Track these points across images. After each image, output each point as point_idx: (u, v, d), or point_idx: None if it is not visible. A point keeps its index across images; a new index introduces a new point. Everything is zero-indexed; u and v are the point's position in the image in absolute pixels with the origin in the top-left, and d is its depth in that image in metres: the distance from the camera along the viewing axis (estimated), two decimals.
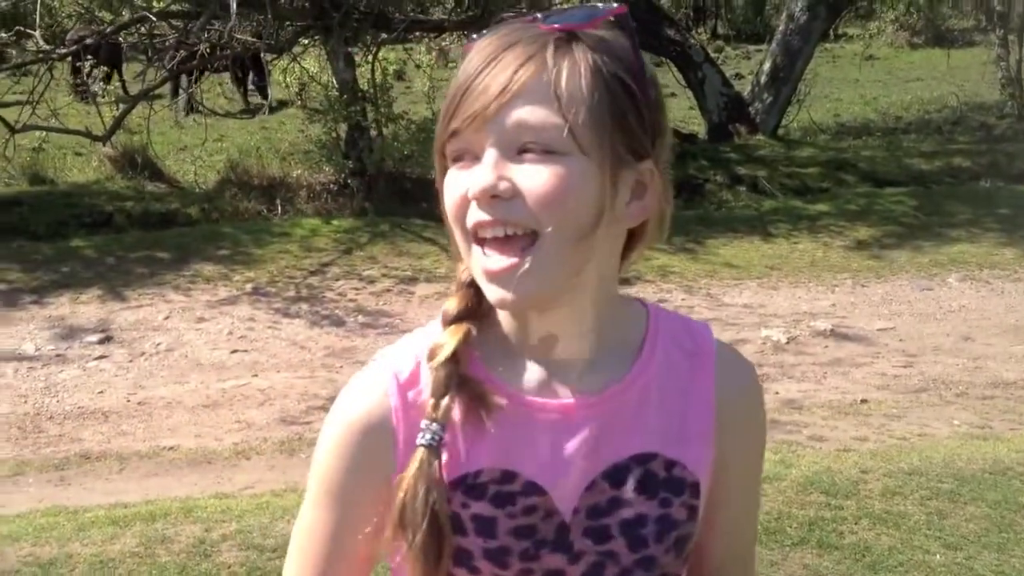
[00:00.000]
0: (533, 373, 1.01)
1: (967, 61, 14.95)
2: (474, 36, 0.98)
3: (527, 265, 0.92)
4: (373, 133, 9.80)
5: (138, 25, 9.78)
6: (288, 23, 10.19)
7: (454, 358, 0.98)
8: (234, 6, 8.08)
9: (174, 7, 9.76)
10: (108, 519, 3.90)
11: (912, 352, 6.05)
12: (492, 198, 0.91)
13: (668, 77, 13.15)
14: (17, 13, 10.43)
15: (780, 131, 11.78)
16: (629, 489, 0.98)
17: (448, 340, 0.99)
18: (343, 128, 9.85)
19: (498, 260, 0.92)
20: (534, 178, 0.90)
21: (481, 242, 0.93)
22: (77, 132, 9.51)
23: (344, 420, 1.03)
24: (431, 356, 0.99)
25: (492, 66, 0.91)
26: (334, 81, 10.12)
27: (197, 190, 9.97)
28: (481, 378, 0.99)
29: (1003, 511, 3.76)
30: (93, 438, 5.15)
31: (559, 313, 0.98)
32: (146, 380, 5.88)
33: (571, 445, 0.99)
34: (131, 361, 6.17)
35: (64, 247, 8.29)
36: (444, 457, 0.97)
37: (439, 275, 7.57)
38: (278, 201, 9.43)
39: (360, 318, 6.87)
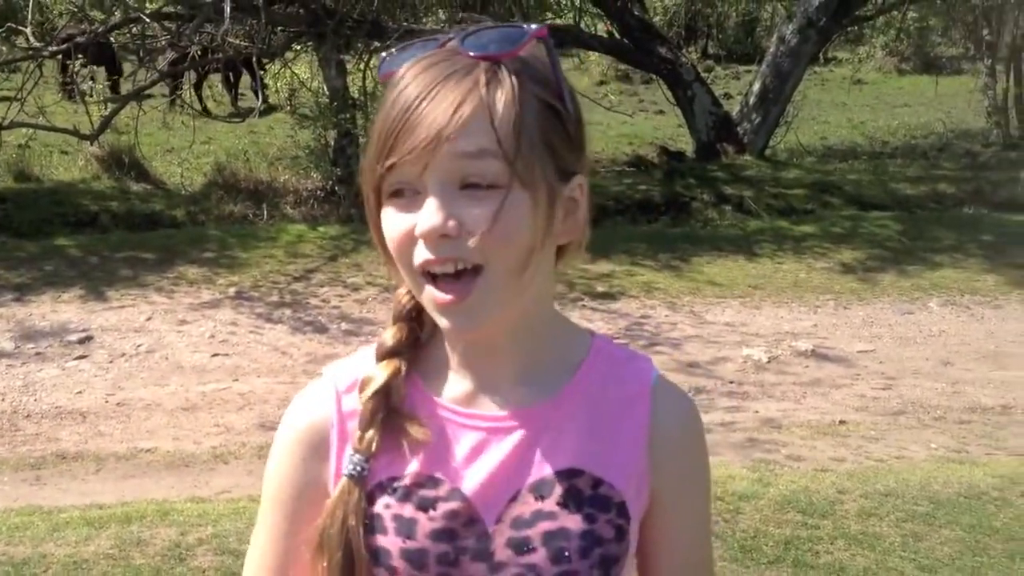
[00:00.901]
0: (466, 387, 1.04)
1: (955, 88, 15.06)
2: (385, 56, 1.00)
3: (474, 298, 0.94)
4: (362, 140, 9.80)
5: (131, 25, 9.77)
6: (281, 28, 10.20)
7: (384, 391, 1.01)
8: (228, 10, 8.07)
9: (167, 9, 9.74)
10: (83, 520, 3.88)
11: (891, 375, 6.08)
12: (441, 237, 0.91)
13: (658, 95, 13.22)
14: (8, 9, 10.41)
15: (767, 152, 11.83)
16: (552, 502, 0.99)
17: (378, 374, 1.02)
18: (332, 135, 9.86)
19: (447, 296, 0.94)
20: (480, 215, 0.91)
21: (430, 277, 0.95)
22: (65, 130, 9.46)
23: (286, 431, 1.09)
24: (362, 388, 1.03)
25: (428, 99, 0.91)
26: (325, 88, 10.12)
27: (183, 192, 9.94)
28: (415, 398, 1.03)
29: (977, 535, 3.79)
30: (70, 438, 5.11)
31: (494, 330, 1.00)
32: (125, 381, 5.85)
33: (497, 456, 1.01)
34: (111, 362, 6.14)
35: (48, 245, 8.26)
36: (368, 482, 1.01)
37: None
38: (264, 206, 9.42)
39: (343, 325, 6.86)
